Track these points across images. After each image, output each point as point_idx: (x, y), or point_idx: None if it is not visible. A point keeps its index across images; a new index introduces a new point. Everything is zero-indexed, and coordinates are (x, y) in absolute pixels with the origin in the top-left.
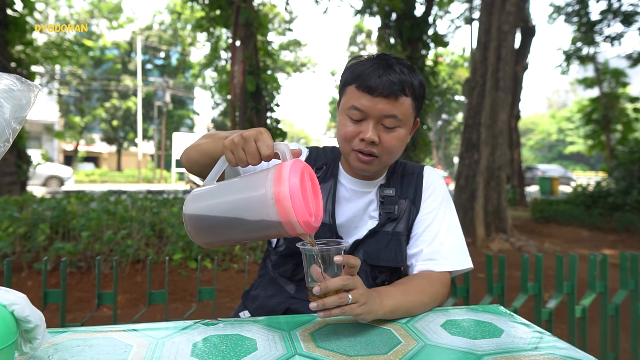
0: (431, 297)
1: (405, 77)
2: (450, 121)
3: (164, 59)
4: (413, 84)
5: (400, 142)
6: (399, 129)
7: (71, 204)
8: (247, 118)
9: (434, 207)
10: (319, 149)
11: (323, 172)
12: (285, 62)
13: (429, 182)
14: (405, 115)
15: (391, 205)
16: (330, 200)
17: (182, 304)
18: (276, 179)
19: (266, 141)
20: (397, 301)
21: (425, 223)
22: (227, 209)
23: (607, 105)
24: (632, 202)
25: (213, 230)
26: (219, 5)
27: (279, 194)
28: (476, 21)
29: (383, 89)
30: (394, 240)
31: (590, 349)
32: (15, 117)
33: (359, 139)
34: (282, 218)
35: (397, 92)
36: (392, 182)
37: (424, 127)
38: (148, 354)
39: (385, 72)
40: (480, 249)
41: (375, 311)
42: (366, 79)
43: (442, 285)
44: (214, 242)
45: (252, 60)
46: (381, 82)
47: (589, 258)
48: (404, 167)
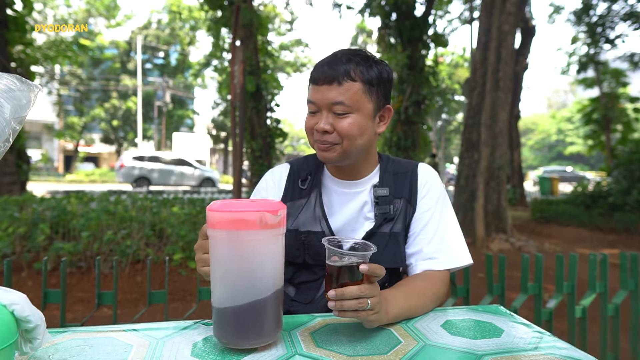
0: (432, 298)
1: (351, 65)
2: (450, 121)
3: (164, 59)
4: (361, 70)
5: (357, 127)
6: (351, 114)
7: (71, 204)
8: (247, 118)
9: (430, 205)
10: (300, 159)
11: (308, 182)
12: (285, 62)
13: (424, 179)
14: (353, 101)
15: (386, 205)
16: (319, 207)
17: (182, 304)
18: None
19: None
20: (401, 308)
21: (423, 222)
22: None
23: (607, 105)
24: (632, 202)
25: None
26: (219, 6)
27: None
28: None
29: (325, 77)
30: (392, 241)
31: (590, 349)
32: (15, 117)
33: (315, 131)
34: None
35: (340, 78)
36: (386, 182)
37: (424, 127)
38: (148, 354)
39: (330, 63)
40: (480, 249)
41: (381, 319)
42: (313, 73)
43: (443, 284)
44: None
45: (252, 60)
46: (324, 72)
47: (589, 258)
48: (397, 165)
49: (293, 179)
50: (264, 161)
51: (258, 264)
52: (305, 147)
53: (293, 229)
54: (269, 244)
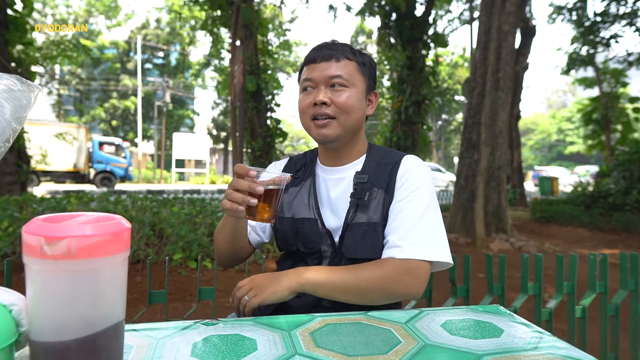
0: (371, 282)
1: (346, 47)
2: (450, 121)
3: (163, 59)
4: (354, 52)
5: (354, 101)
6: (348, 89)
7: (71, 204)
8: (247, 118)
9: (406, 194)
10: (300, 154)
11: (302, 172)
12: (285, 62)
13: (404, 170)
14: (350, 76)
15: (363, 192)
16: (312, 196)
17: (182, 304)
18: None
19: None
20: (322, 277)
21: (395, 211)
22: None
23: (607, 105)
24: (632, 202)
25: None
26: (219, 5)
27: None
28: (476, 21)
29: (324, 55)
30: (370, 231)
31: (590, 349)
32: (15, 117)
33: (312, 106)
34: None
35: (338, 55)
36: (367, 169)
37: (424, 127)
38: (148, 354)
39: (327, 45)
40: (480, 249)
41: (283, 289)
42: (309, 55)
43: (398, 272)
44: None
45: (252, 60)
46: (322, 51)
47: (589, 258)
48: (383, 156)
49: (289, 170)
50: (264, 161)
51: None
52: (305, 148)
53: (289, 217)
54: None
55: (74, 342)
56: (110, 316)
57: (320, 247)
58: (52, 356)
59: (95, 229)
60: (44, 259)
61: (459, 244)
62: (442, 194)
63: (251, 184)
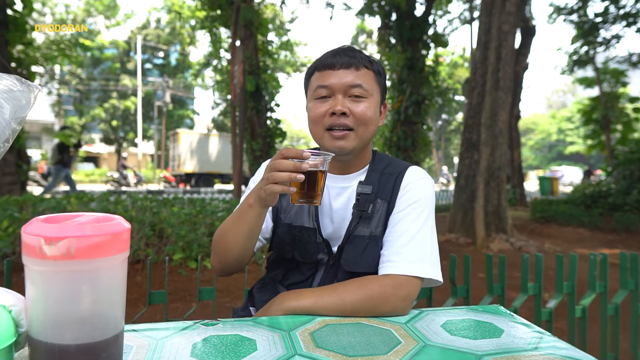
0: (355, 307)
1: (364, 55)
2: (450, 121)
3: (163, 59)
4: (372, 61)
5: (372, 112)
6: (367, 99)
7: (71, 204)
8: (247, 118)
9: (404, 207)
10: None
11: None
12: (285, 62)
13: (407, 181)
14: (370, 86)
15: (366, 203)
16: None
17: (182, 304)
18: None
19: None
20: (311, 301)
21: (393, 222)
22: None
23: (607, 105)
24: (632, 202)
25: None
26: (219, 5)
27: None
28: (476, 21)
29: (343, 62)
30: (371, 245)
31: (590, 349)
32: (15, 117)
33: (329, 115)
34: None
35: (358, 64)
36: (371, 180)
37: (424, 127)
38: (148, 355)
39: (345, 51)
40: (480, 249)
41: (275, 310)
42: (325, 60)
43: (386, 290)
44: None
45: (252, 60)
46: (340, 58)
47: (589, 258)
48: (387, 165)
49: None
50: (264, 161)
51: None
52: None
53: (287, 224)
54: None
55: (74, 343)
56: (109, 316)
57: (316, 257)
58: (51, 356)
59: (94, 229)
60: (44, 260)
61: (459, 244)
62: (442, 194)
63: (297, 163)
